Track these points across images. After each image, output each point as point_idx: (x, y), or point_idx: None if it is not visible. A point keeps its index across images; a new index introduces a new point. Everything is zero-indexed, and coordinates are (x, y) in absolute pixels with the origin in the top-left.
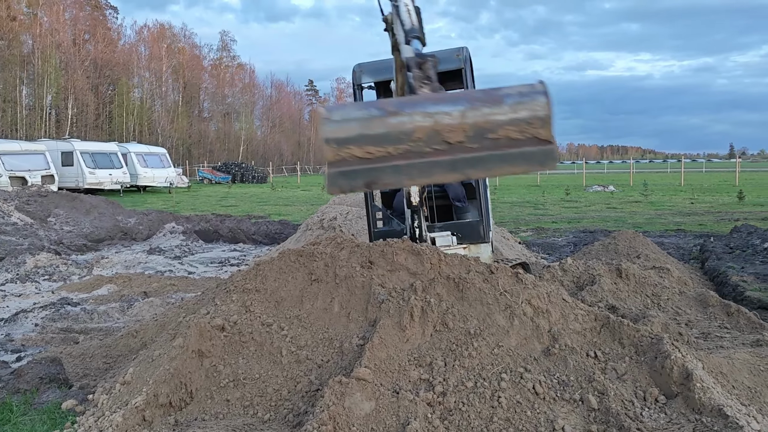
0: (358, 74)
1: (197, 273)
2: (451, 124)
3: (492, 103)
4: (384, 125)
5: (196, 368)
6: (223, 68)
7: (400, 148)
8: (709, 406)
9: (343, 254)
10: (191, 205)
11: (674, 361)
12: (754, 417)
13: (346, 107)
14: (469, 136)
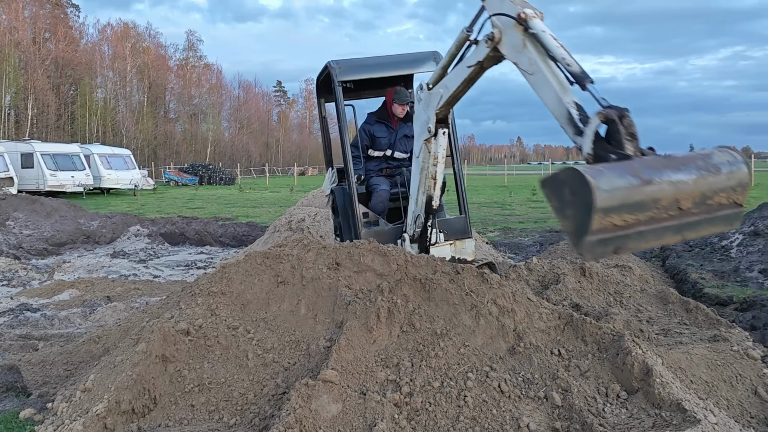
0: (338, 71)
1: (162, 276)
2: (686, 191)
3: (713, 171)
4: (640, 194)
5: (160, 374)
6: (190, 68)
7: (647, 215)
8: (668, 401)
9: (310, 256)
10: (157, 207)
11: (635, 357)
12: (711, 410)
13: (606, 174)
14: (696, 203)
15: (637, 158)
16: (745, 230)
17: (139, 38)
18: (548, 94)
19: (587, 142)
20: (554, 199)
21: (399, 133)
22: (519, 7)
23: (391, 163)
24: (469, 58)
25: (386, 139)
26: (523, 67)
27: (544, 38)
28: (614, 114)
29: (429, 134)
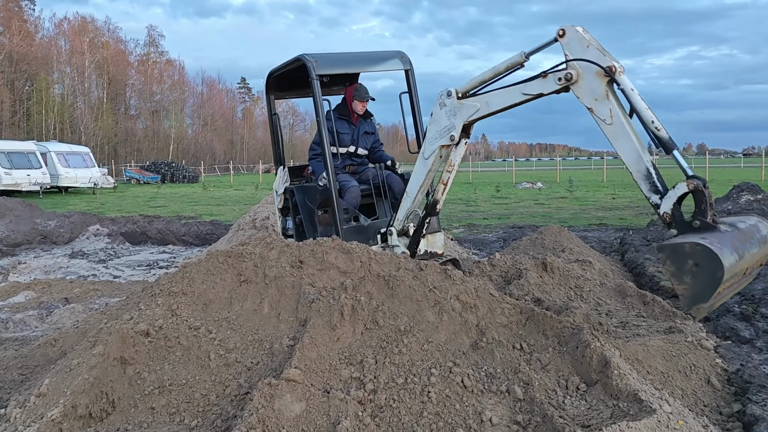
0: (315, 65)
1: (123, 277)
2: (755, 261)
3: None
4: (739, 267)
5: (119, 376)
6: (151, 64)
7: (734, 281)
8: (626, 392)
9: (273, 254)
10: (117, 206)
11: (593, 350)
12: (666, 400)
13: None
14: (754, 269)
15: (725, 232)
16: None
17: (98, 33)
18: (628, 148)
19: (668, 204)
20: (673, 266)
21: (360, 129)
22: (609, 59)
23: (355, 160)
24: (530, 86)
25: (349, 135)
26: (600, 115)
27: (633, 97)
28: (701, 185)
29: (451, 142)
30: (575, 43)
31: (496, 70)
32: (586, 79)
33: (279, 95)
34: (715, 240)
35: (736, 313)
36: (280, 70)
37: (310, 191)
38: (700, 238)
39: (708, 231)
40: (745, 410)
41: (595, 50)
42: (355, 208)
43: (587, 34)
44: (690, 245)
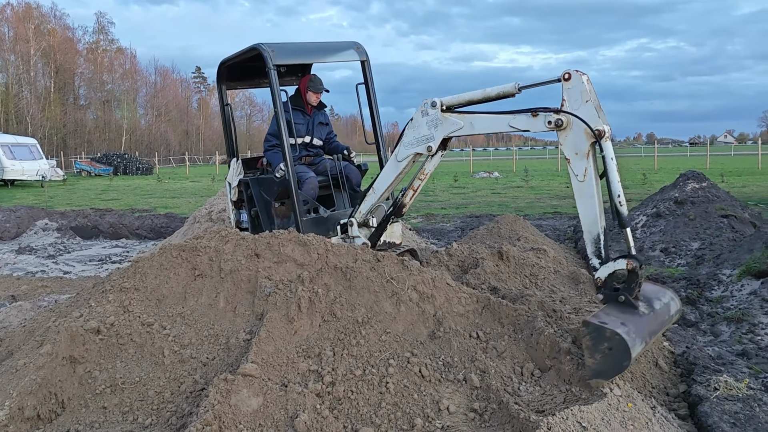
0: (273, 54)
1: (74, 273)
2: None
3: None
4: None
5: (68, 376)
6: (101, 52)
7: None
8: (578, 377)
9: (228, 247)
10: (67, 199)
11: (547, 336)
12: (617, 384)
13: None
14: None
15: (642, 316)
16: (648, 212)
17: (44, 19)
18: (589, 209)
19: (605, 272)
20: (590, 342)
21: (315, 120)
22: (601, 121)
23: (311, 151)
24: (518, 120)
25: (303, 126)
26: (575, 169)
27: (610, 166)
28: (638, 266)
29: (428, 152)
30: (576, 92)
31: (486, 94)
32: (574, 132)
33: (231, 85)
34: (632, 329)
35: (682, 298)
36: (233, 60)
37: (267, 183)
38: (620, 323)
39: (628, 311)
40: (691, 391)
41: (591, 107)
42: (313, 200)
43: (590, 85)
44: (610, 332)
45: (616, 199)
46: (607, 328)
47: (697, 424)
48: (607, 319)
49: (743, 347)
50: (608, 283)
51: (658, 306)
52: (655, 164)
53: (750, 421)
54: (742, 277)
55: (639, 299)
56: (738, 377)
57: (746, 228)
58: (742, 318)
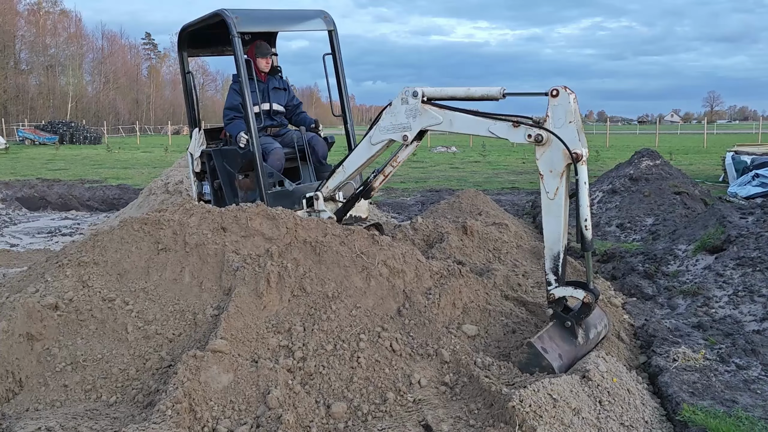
0: (237, 21)
1: (22, 245)
2: None
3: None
4: None
5: (25, 353)
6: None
7: None
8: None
9: (193, 221)
10: (11, 168)
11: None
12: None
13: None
14: None
15: (576, 347)
16: (604, 188)
17: None
18: (554, 227)
19: (561, 292)
20: (526, 361)
21: (269, 86)
22: (580, 145)
23: (275, 119)
24: (498, 127)
25: (260, 93)
26: (546, 186)
27: (582, 191)
28: (594, 300)
29: (403, 141)
30: (561, 110)
31: (469, 94)
32: (552, 150)
33: (193, 52)
34: (564, 363)
35: (640, 272)
36: (195, 25)
37: (230, 155)
38: (557, 355)
39: (568, 339)
40: (650, 362)
41: (573, 129)
42: (279, 172)
43: (576, 105)
44: (547, 363)
45: (582, 222)
46: (545, 358)
47: (657, 394)
48: (549, 347)
49: (699, 320)
50: (560, 302)
51: (593, 335)
52: (607, 142)
53: (707, 390)
54: (697, 253)
55: (581, 327)
56: (695, 348)
57: (697, 205)
58: (697, 292)
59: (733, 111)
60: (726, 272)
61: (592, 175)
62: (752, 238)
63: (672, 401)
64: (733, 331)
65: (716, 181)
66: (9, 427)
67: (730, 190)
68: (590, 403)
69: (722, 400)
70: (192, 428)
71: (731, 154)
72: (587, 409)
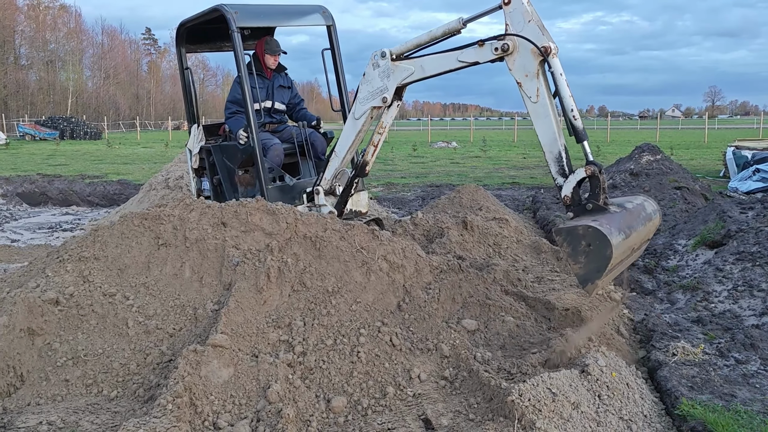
0: (236, 16)
1: (22, 241)
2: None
3: (650, 220)
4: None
5: (27, 348)
6: (43, 9)
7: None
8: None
9: (193, 216)
10: (11, 164)
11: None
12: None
13: (613, 232)
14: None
15: (614, 213)
16: None
17: None
18: (547, 129)
19: (569, 187)
20: (569, 247)
21: (275, 83)
22: (546, 39)
23: (275, 117)
24: (466, 53)
25: (263, 90)
26: (527, 92)
27: (560, 82)
28: (597, 170)
29: (383, 104)
30: (518, 14)
31: (432, 35)
32: (521, 54)
33: (191, 48)
34: (605, 221)
35: (640, 266)
36: (193, 21)
37: (230, 150)
38: (591, 220)
39: (599, 213)
40: (650, 356)
41: (534, 27)
42: (278, 166)
43: (530, 7)
44: (583, 228)
45: (570, 113)
46: (578, 225)
47: (657, 388)
48: (579, 221)
49: (698, 314)
50: (575, 198)
51: (631, 206)
52: (608, 137)
53: (706, 385)
54: (696, 247)
55: (608, 204)
56: (694, 343)
57: (698, 200)
58: (697, 286)
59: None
60: (726, 267)
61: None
62: (752, 233)
63: (671, 395)
64: (733, 325)
65: (717, 176)
66: (11, 421)
67: (731, 185)
68: (589, 397)
69: (721, 395)
70: (192, 422)
71: (732, 149)
72: (586, 404)
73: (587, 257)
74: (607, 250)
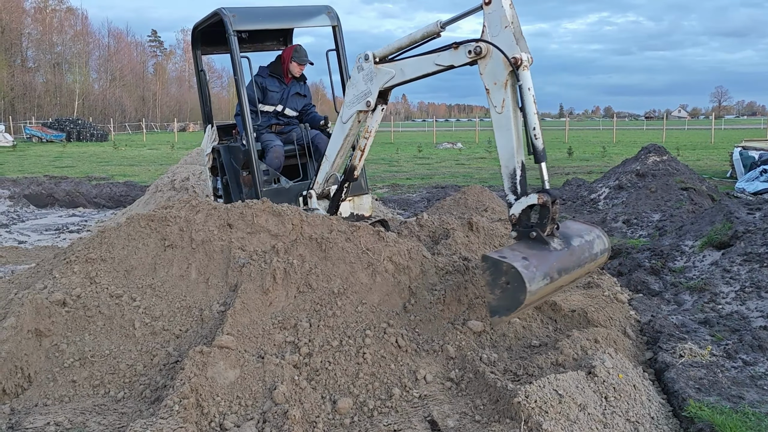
0: (233, 19)
1: (30, 242)
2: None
3: (593, 259)
4: (548, 289)
5: (34, 349)
6: (50, 12)
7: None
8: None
9: (199, 217)
10: (18, 166)
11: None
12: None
13: (535, 277)
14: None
15: (552, 252)
16: (610, 184)
17: None
18: (506, 142)
19: (518, 208)
20: (490, 277)
21: (291, 90)
22: (520, 48)
23: (281, 120)
24: (442, 57)
25: (278, 94)
26: (493, 100)
27: (527, 97)
28: (550, 201)
29: (367, 108)
30: (496, 17)
31: (412, 38)
32: (493, 60)
33: (206, 50)
34: (534, 262)
35: (647, 268)
36: (203, 24)
37: (235, 151)
38: (521, 258)
39: (538, 247)
40: (657, 358)
41: (509, 34)
42: (277, 169)
43: (511, 11)
44: (507, 265)
45: (531, 131)
46: (504, 261)
47: (664, 390)
48: (508, 254)
49: (705, 316)
50: (522, 220)
51: (577, 243)
52: (614, 137)
53: (714, 386)
54: (703, 248)
55: (554, 236)
56: (701, 344)
57: (704, 200)
58: (704, 287)
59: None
60: (733, 268)
61: (598, 171)
62: (759, 234)
63: (678, 397)
64: (740, 327)
65: (724, 176)
66: (19, 421)
67: (738, 185)
68: (596, 398)
69: (729, 396)
70: (199, 423)
71: (739, 150)
72: (593, 405)
73: (503, 293)
74: (522, 295)
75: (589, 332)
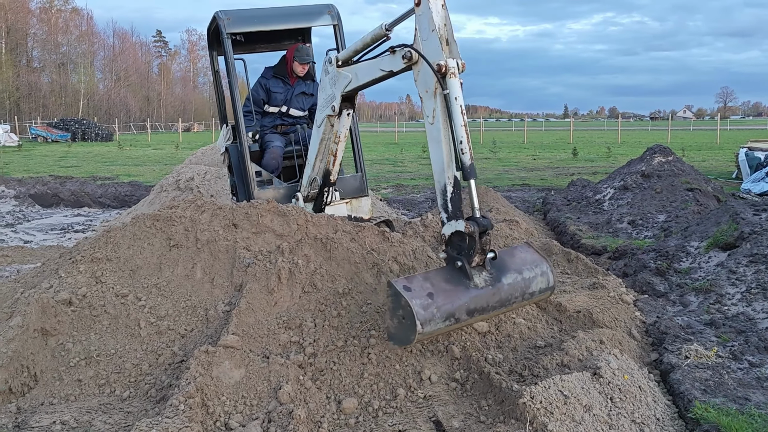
0: (227, 22)
1: (35, 242)
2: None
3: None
4: (448, 329)
5: (40, 348)
6: (55, 12)
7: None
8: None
9: (204, 217)
10: (24, 166)
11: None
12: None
13: (432, 318)
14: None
15: (471, 289)
16: (616, 185)
17: None
18: (437, 154)
19: (449, 230)
20: (391, 303)
21: (296, 90)
22: (444, 56)
23: (286, 120)
24: (383, 61)
25: (282, 94)
26: (425, 110)
27: (453, 108)
28: (477, 233)
29: (333, 113)
30: (425, 20)
31: (364, 41)
32: (424, 70)
33: (220, 51)
34: (437, 302)
35: (652, 269)
36: (212, 26)
37: (240, 151)
38: (425, 294)
39: (456, 280)
40: (662, 359)
41: (435, 39)
42: (275, 170)
43: (443, 12)
44: (405, 301)
45: (458, 145)
46: (403, 295)
47: (669, 391)
48: (415, 286)
49: (711, 317)
50: (455, 242)
51: (509, 281)
52: (619, 138)
53: (719, 388)
54: (709, 249)
55: (484, 268)
56: (707, 346)
57: (710, 201)
58: (709, 289)
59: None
60: (739, 269)
61: (603, 171)
62: (765, 235)
63: (684, 399)
64: (746, 328)
65: (729, 177)
66: (25, 420)
67: (744, 186)
68: (601, 400)
69: (735, 398)
70: (204, 423)
71: (745, 151)
72: (598, 406)
73: (399, 324)
74: (412, 335)
75: (594, 333)
